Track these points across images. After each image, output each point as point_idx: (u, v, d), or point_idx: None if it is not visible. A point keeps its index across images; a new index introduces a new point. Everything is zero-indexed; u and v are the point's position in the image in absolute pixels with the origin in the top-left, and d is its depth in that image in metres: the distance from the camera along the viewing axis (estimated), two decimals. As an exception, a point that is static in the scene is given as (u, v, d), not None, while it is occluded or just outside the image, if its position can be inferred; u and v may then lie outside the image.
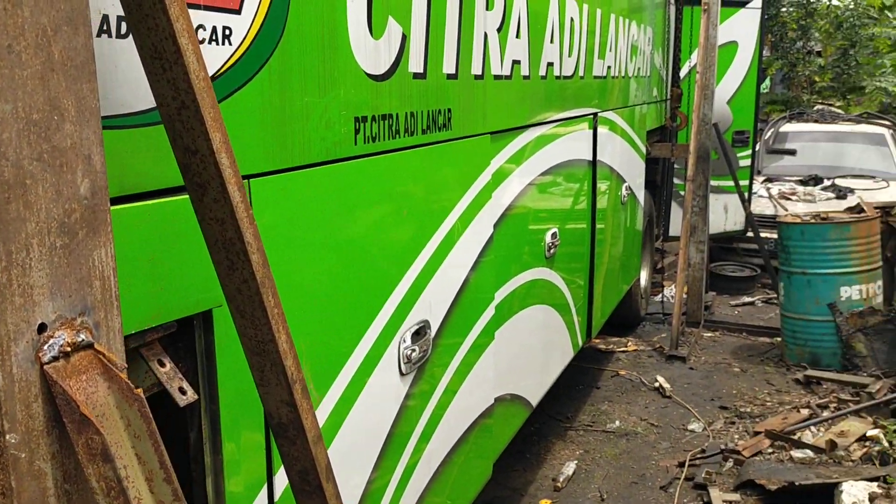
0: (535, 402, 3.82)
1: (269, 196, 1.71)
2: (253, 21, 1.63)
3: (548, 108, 3.71)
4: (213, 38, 1.52)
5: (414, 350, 2.38)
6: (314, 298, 1.93)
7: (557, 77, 3.79)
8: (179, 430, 1.62)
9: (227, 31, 1.56)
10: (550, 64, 3.65)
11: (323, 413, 1.97)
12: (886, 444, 4.17)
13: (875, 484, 3.66)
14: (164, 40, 0.95)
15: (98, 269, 0.84)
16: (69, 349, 0.78)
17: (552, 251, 3.87)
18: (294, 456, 1.22)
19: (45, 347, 0.76)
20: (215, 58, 1.54)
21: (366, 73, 2.07)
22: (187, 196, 1.40)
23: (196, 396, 1.44)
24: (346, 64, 1.98)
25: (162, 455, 0.84)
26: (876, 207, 6.12)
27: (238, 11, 1.58)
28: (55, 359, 0.77)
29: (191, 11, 1.45)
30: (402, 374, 2.34)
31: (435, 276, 2.54)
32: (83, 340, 0.80)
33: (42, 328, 0.76)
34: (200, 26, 1.49)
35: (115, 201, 1.34)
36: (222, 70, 1.56)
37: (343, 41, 1.96)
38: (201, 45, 1.49)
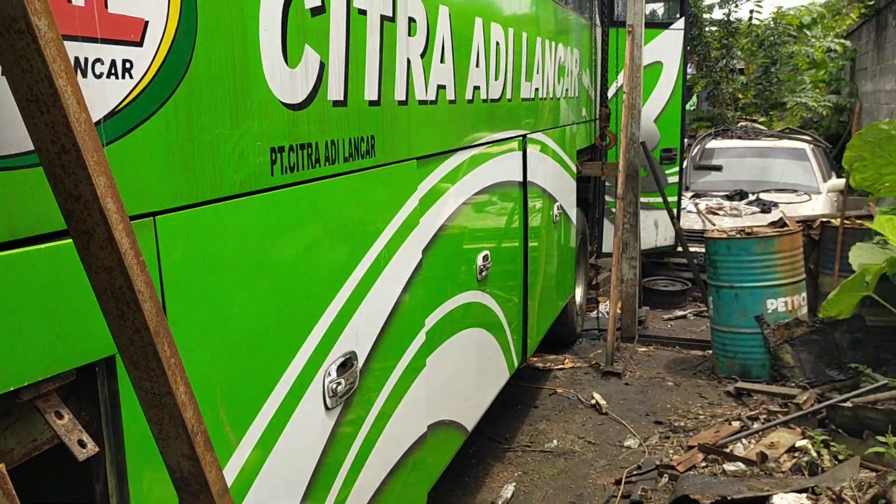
0: (470, 426, 3.80)
1: (177, 233, 1.65)
2: (156, 53, 1.57)
3: (475, 131, 3.72)
4: (113, 71, 1.47)
5: (340, 383, 2.33)
6: (231, 336, 1.87)
7: (484, 100, 3.80)
8: (85, 482, 1.54)
9: (128, 64, 1.50)
10: (477, 88, 3.66)
11: (243, 453, 1.91)
12: (814, 455, 4.26)
13: (804, 495, 3.73)
14: (40, 82, 0.90)
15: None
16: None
17: (484, 274, 3.87)
18: (199, 511, 1.17)
19: None
20: (115, 92, 1.48)
21: (282, 103, 2.02)
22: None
23: (97, 449, 1.36)
24: (260, 94, 1.93)
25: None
26: (798, 221, 6.32)
27: (139, 44, 1.53)
28: None
29: (87, 45, 1.40)
30: (327, 408, 2.28)
31: (361, 306, 2.49)
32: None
33: None
34: (98, 60, 1.43)
35: (4, 246, 1.27)
36: (123, 104, 1.50)
37: (256, 71, 1.91)
38: (98, 80, 1.43)
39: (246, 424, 1.91)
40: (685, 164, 8.93)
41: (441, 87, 3.19)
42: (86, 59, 1.40)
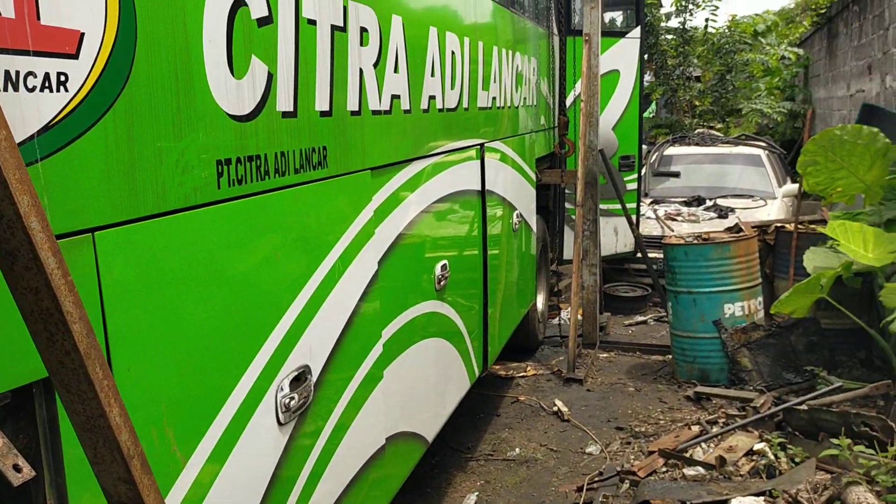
0: (431, 437, 3.78)
1: (117, 249, 1.61)
2: (93, 65, 1.54)
3: (432, 140, 3.71)
4: (47, 85, 1.43)
5: (293, 398, 2.30)
6: (178, 353, 1.83)
7: (440, 110, 3.80)
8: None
9: (63, 77, 1.46)
10: (432, 97, 3.65)
11: (191, 472, 1.87)
12: (772, 457, 4.32)
13: (762, 498, 3.77)
14: (-45, 98, 0.87)
15: None
16: None
17: (442, 283, 3.86)
18: (136, 536, 1.13)
19: None
20: (50, 106, 1.44)
21: (228, 115, 1.99)
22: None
23: (33, 473, 1.32)
24: (205, 106, 1.90)
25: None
26: (754, 226, 6.42)
27: (75, 56, 1.49)
28: None
29: (19, 58, 1.36)
30: (280, 423, 2.25)
31: (315, 320, 2.46)
32: None
33: None
34: (30, 73, 1.39)
35: (-71, 266, 1.23)
36: (58, 118, 1.46)
37: (201, 83, 1.88)
38: (31, 94, 1.39)
39: (194, 443, 1.87)
40: (643, 170, 9.04)
41: (395, 97, 3.18)
42: (17, 73, 1.36)
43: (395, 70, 3.17)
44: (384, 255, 3.09)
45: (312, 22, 2.43)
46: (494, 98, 4.85)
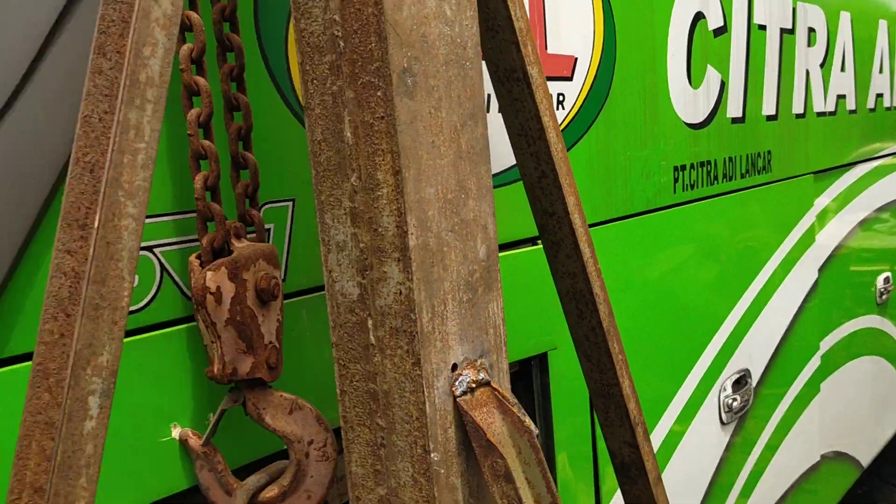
0: (865, 462, 3.49)
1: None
2: (583, 86, 1.76)
3: (877, 141, 3.43)
4: (550, 104, 1.68)
5: (735, 399, 2.33)
6: (634, 345, 1.99)
7: (888, 108, 3.49)
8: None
9: (562, 97, 1.71)
10: (879, 95, 3.38)
11: (644, 457, 2.01)
12: None
13: None
14: (530, 120, 1.10)
15: (492, 319, 0.99)
16: (473, 385, 0.93)
17: (884, 297, 3.54)
18: (634, 495, 1.29)
19: (457, 383, 0.92)
20: (551, 122, 1.69)
21: (684, 123, 2.11)
22: (529, 248, 1.56)
23: (537, 430, 1.56)
24: (666, 116, 2.04)
25: (549, 482, 0.96)
26: None
27: (570, 78, 1.73)
28: (464, 393, 0.93)
29: (531, 82, 1.62)
30: (722, 423, 2.30)
31: (755, 324, 2.47)
32: (483, 378, 0.95)
33: (454, 367, 0.92)
34: (539, 95, 1.65)
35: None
36: (557, 132, 1.70)
37: (663, 94, 2.02)
38: (540, 112, 1.65)
39: (650, 429, 2.01)
40: None
41: (840, 97, 3.02)
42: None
43: (842, 69, 3.01)
44: (824, 263, 2.96)
45: (763, 27, 2.44)
46: (951, 91, 4.28)
